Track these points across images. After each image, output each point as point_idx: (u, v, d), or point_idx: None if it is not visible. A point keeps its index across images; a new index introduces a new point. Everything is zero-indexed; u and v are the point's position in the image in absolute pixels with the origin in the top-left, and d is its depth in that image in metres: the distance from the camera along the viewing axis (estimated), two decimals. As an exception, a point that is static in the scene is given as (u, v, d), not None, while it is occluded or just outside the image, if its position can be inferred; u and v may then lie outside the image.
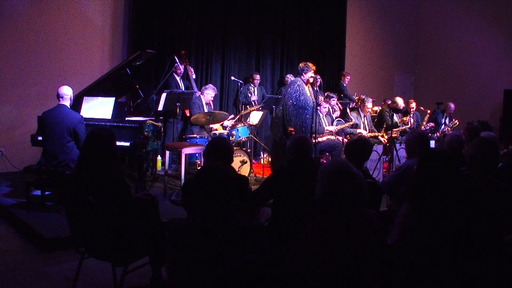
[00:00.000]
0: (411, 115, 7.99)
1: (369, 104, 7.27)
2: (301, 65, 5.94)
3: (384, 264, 2.05)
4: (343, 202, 2.03)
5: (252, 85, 8.12)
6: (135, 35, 7.33)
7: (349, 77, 9.23)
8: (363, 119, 7.32)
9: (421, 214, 2.02)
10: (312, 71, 5.87)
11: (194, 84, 7.03)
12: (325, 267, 1.99)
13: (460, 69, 10.65)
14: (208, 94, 6.70)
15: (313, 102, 5.87)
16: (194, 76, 7.15)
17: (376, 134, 7.24)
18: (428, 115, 8.06)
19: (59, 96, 4.76)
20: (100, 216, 2.76)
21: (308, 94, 5.85)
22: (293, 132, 5.60)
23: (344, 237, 2.01)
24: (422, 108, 8.16)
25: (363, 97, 7.45)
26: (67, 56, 6.91)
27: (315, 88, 6.07)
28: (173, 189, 5.60)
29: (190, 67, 7.08)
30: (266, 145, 7.85)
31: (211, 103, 6.92)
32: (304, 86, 5.86)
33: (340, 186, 2.03)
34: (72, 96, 4.85)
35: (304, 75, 5.85)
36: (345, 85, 9.11)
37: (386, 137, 7.04)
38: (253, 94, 7.98)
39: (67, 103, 4.77)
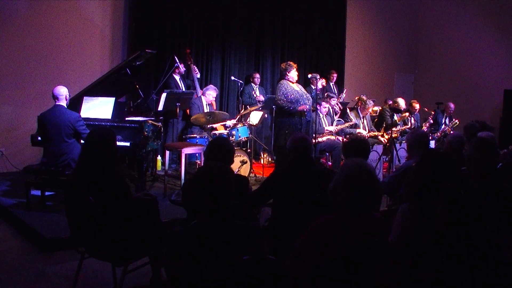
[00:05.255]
0: (413, 115, 7.98)
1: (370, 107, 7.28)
2: (282, 66, 5.85)
3: (385, 265, 2.05)
4: (356, 199, 2.03)
5: (254, 84, 8.11)
6: (135, 35, 7.33)
7: (335, 75, 9.04)
8: (362, 119, 7.32)
9: (420, 214, 2.02)
10: (295, 69, 5.76)
11: (197, 84, 7.01)
12: (326, 267, 1.99)
13: (460, 69, 10.64)
14: (210, 94, 6.69)
15: (311, 100, 5.84)
16: (198, 75, 7.12)
17: (376, 134, 7.24)
18: (431, 117, 8.04)
19: (54, 97, 4.72)
20: (100, 216, 2.76)
21: (298, 90, 5.74)
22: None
23: (345, 237, 2.00)
24: (425, 109, 8.15)
25: (364, 98, 7.43)
26: (67, 56, 6.90)
27: (317, 87, 6.06)
28: (173, 189, 5.59)
29: (194, 66, 7.06)
30: (266, 145, 7.85)
31: (213, 103, 6.90)
32: (291, 84, 5.71)
33: (358, 182, 2.03)
34: (67, 95, 4.78)
35: (288, 74, 5.72)
36: (331, 84, 8.89)
37: (386, 136, 7.04)
38: (257, 94, 7.96)
39: (63, 103, 4.73)
